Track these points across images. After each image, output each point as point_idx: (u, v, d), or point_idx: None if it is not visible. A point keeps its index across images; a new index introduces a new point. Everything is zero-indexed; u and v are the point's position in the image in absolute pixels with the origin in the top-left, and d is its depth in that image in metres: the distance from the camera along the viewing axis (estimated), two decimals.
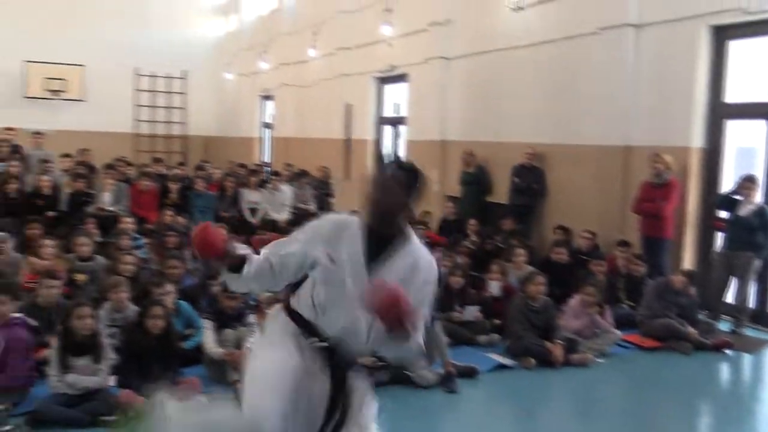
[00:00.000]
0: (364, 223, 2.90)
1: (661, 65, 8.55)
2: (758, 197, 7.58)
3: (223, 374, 5.35)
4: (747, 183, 7.55)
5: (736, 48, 8.12)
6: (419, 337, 2.82)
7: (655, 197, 8.06)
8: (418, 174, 2.93)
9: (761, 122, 7.88)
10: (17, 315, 5.18)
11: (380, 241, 2.87)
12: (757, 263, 7.56)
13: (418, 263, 2.89)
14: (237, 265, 2.89)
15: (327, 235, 2.91)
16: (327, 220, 3.04)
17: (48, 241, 7.08)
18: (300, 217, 10.23)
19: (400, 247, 2.88)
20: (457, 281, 7.14)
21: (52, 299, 5.80)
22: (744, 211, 7.52)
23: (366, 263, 2.85)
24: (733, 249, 7.61)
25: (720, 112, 8.26)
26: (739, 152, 8.23)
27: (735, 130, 8.24)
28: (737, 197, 7.59)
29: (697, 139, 8.31)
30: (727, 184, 7.99)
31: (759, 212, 7.47)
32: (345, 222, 2.97)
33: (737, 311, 7.66)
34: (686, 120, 8.30)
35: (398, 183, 2.87)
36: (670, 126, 8.47)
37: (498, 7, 11.02)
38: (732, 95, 8.20)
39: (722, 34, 8.15)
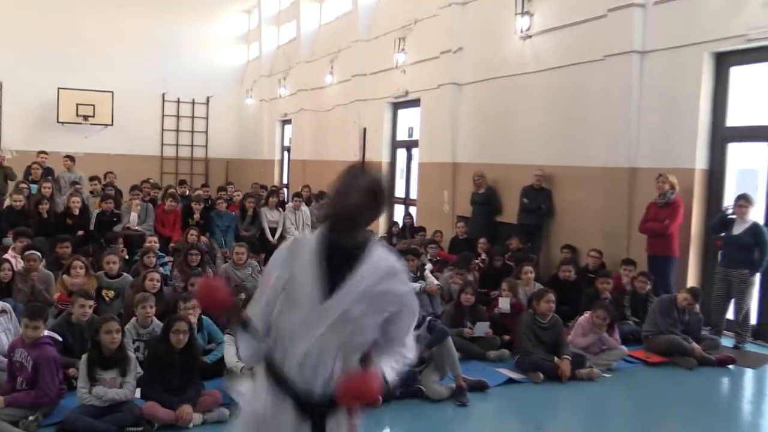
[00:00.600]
0: (325, 236, 2.60)
1: (665, 90, 8.54)
2: (752, 215, 7.55)
3: None
4: (741, 202, 7.56)
5: (737, 73, 8.12)
6: (407, 349, 2.77)
7: (661, 217, 8.03)
8: (380, 182, 2.62)
9: (762, 144, 7.85)
10: (45, 333, 5.21)
11: (343, 252, 2.56)
12: (754, 279, 7.51)
13: (384, 271, 2.58)
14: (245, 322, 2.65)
15: (281, 260, 2.67)
16: (282, 246, 2.77)
17: (77, 262, 7.13)
18: None
19: (364, 257, 2.56)
20: (467, 299, 7.11)
21: (85, 318, 5.84)
22: (738, 229, 7.51)
23: (323, 275, 2.54)
24: (730, 266, 7.59)
25: (722, 135, 8.23)
26: (741, 174, 8.19)
27: (737, 153, 8.21)
28: (732, 216, 7.57)
29: (700, 161, 8.28)
30: (729, 204, 7.93)
31: (753, 230, 7.44)
32: (300, 241, 2.72)
33: (738, 327, 7.60)
34: (690, 143, 8.28)
35: (360, 191, 2.55)
36: (674, 148, 8.45)
37: (507, 36, 11.07)
38: (734, 119, 8.17)
39: (724, 61, 8.15)
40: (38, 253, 7.28)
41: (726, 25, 7.79)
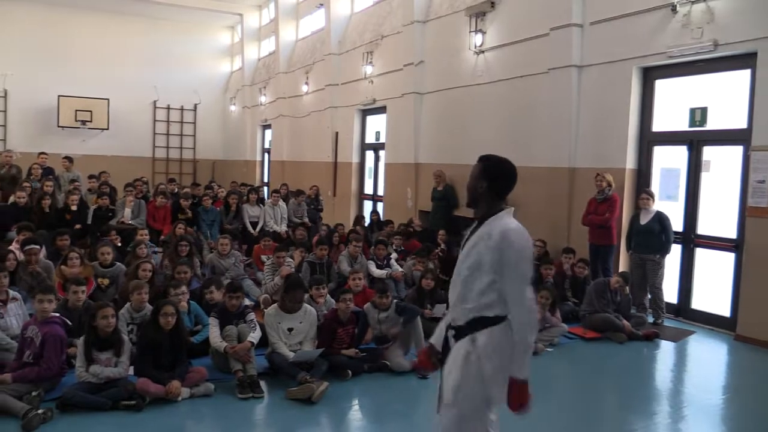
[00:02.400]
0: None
1: (600, 99, 8.67)
2: (654, 206, 7.76)
3: (227, 364, 5.28)
4: (643, 195, 7.82)
5: (661, 86, 8.27)
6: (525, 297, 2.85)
7: (601, 210, 8.15)
8: (493, 163, 3.07)
9: (682, 147, 8.00)
10: (55, 314, 5.12)
11: (480, 220, 3.03)
12: (664, 262, 7.69)
13: (490, 233, 2.90)
14: None
15: None
16: None
17: (74, 253, 6.99)
18: (295, 228, 10.21)
19: (487, 222, 2.96)
20: (428, 283, 7.13)
21: (79, 302, 5.73)
22: (644, 219, 7.73)
23: (463, 243, 3.06)
24: (642, 252, 7.77)
25: (648, 139, 8.39)
26: (664, 172, 8.34)
27: (661, 154, 8.37)
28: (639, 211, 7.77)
29: (630, 162, 8.43)
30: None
31: (657, 218, 7.65)
32: None
33: (654, 305, 7.77)
34: (621, 145, 8.41)
35: (478, 171, 3.03)
36: (607, 150, 8.58)
37: (462, 50, 11.12)
38: (658, 125, 8.33)
39: (650, 74, 8.30)
40: (37, 247, 7.11)
41: (652, 43, 7.93)
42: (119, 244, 8.76)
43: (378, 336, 6.06)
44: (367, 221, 12.29)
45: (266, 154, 21.36)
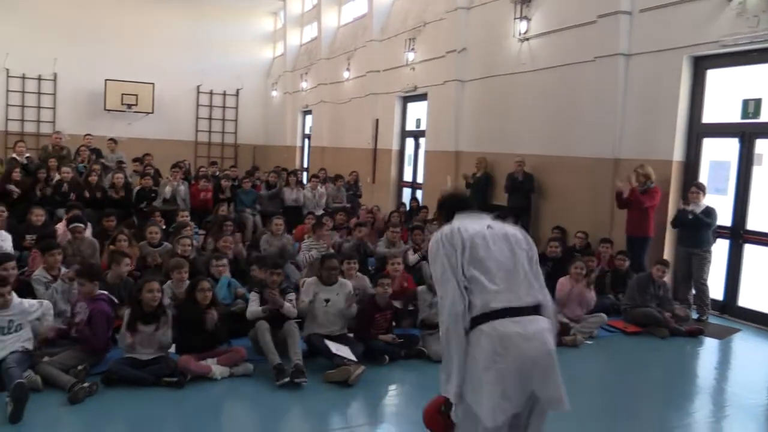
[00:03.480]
0: None
1: (648, 89, 8.45)
2: (704, 200, 7.55)
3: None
4: (693, 189, 7.61)
5: (713, 76, 8.01)
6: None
7: (641, 200, 7.98)
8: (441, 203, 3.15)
9: (733, 140, 7.76)
10: (102, 292, 5.27)
11: None
12: (710, 257, 7.50)
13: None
14: None
15: None
16: None
17: (122, 234, 7.17)
18: (334, 212, 10.28)
19: None
20: None
21: (121, 275, 5.89)
22: (692, 213, 7.48)
23: None
24: (688, 246, 7.58)
25: (698, 131, 8.15)
26: (713, 165, 8.11)
27: (710, 146, 8.12)
28: (687, 207, 7.53)
29: (677, 154, 8.20)
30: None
31: (706, 213, 7.43)
32: None
33: (699, 301, 7.58)
34: (668, 137, 8.19)
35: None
36: (653, 142, 8.37)
37: (506, 38, 10.96)
38: (708, 116, 8.08)
39: (701, 64, 8.05)
40: (82, 225, 7.29)
41: (703, 32, 7.68)
42: (163, 226, 8.93)
43: (424, 320, 6.04)
44: (407, 208, 12.30)
45: (306, 140, 21.49)
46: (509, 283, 2.72)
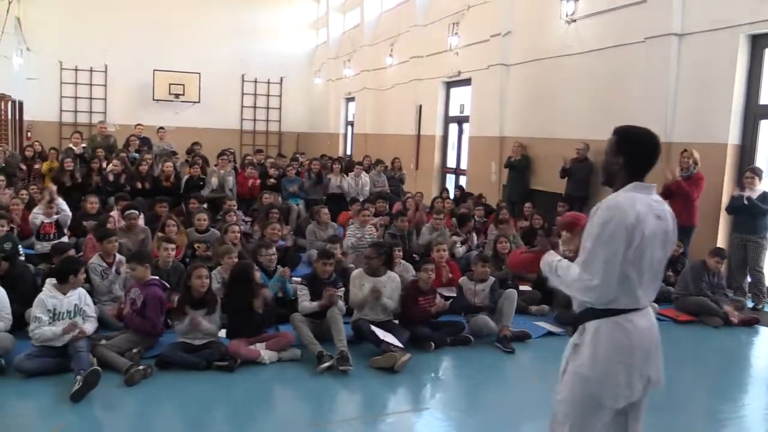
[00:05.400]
0: None
1: (702, 70, 8.16)
2: (760, 185, 7.28)
3: (319, 333, 5.35)
4: (748, 174, 7.35)
5: None
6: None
7: (684, 188, 7.73)
8: (629, 135, 2.75)
9: None
10: (154, 277, 5.43)
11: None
12: (765, 243, 7.27)
13: (598, 207, 2.65)
14: None
15: None
16: None
17: (171, 221, 7.36)
18: (377, 198, 10.31)
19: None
20: (503, 246, 7.30)
21: (169, 260, 6.08)
22: (745, 198, 7.25)
23: None
24: (744, 232, 7.36)
25: (755, 113, 7.84)
26: None
27: None
28: (742, 192, 7.27)
29: (733, 137, 7.91)
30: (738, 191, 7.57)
31: (762, 198, 7.19)
32: None
33: (755, 289, 7.34)
34: (724, 119, 7.91)
35: (613, 145, 2.75)
36: (708, 125, 8.10)
37: (552, 19, 10.74)
38: (766, 97, 7.77)
39: (759, 42, 7.73)
40: (136, 212, 7.52)
41: (761, 9, 7.37)
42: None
43: (469, 307, 6.03)
44: (452, 195, 12.24)
45: (349, 127, 21.57)
46: (651, 285, 2.69)
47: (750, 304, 7.30)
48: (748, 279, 7.46)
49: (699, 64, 8.19)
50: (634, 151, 2.68)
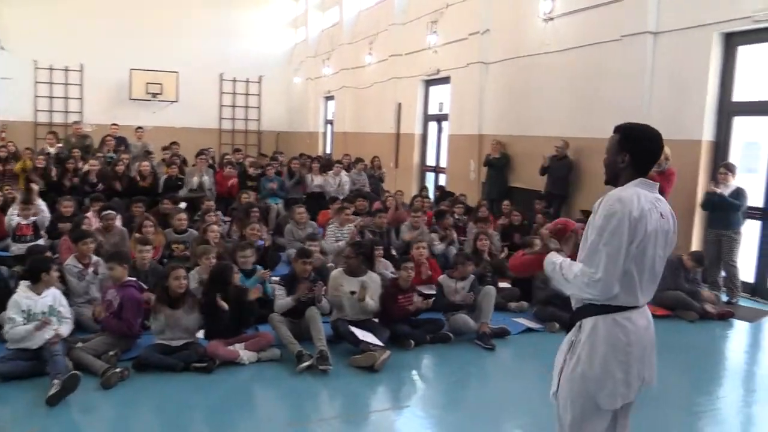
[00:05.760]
0: None
1: (676, 68, 8.27)
2: (733, 181, 7.34)
3: (297, 333, 5.32)
4: (722, 170, 7.41)
5: (744, 52, 7.81)
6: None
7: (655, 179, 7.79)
8: (633, 132, 2.70)
9: (765, 118, 7.57)
10: (131, 278, 5.37)
11: None
12: (740, 239, 7.35)
13: (602, 200, 2.62)
14: None
15: None
16: None
17: (148, 221, 7.28)
18: (357, 197, 10.30)
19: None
20: (483, 244, 7.34)
21: (145, 261, 6.01)
22: (720, 195, 7.32)
23: None
24: (718, 228, 7.44)
25: (728, 110, 7.96)
26: (745, 146, 7.93)
27: (742, 126, 7.94)
28: (716, 189, 7.36)
29: (707, 134, 8.03)
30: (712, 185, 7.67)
31: (736, 194, 7.26)
32: None
33: (729, 283, 7.45)
34: (698, 116, 8.02)
35: (616, 143, 2.70)
36: (683, 121, 8.20)
37: (530, 18, 10.81)
38: (739, 94, 7.89)
39: (732, 40, 7.85)
40: (114, 212, 7.43)
41: (734, 7, 7.48)
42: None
43: (449, 304, 6.04)
44: (432, 195, 12.27)
45: (329, 126, 21.51)
46: (650, 284, 2.66)
47: (725, 298, 7.42)
48: (723, 274, 7.57)
49: (674, 61, 8.29)
50: (638, 148, 2.66)
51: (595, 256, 2.53)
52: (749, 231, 7.53)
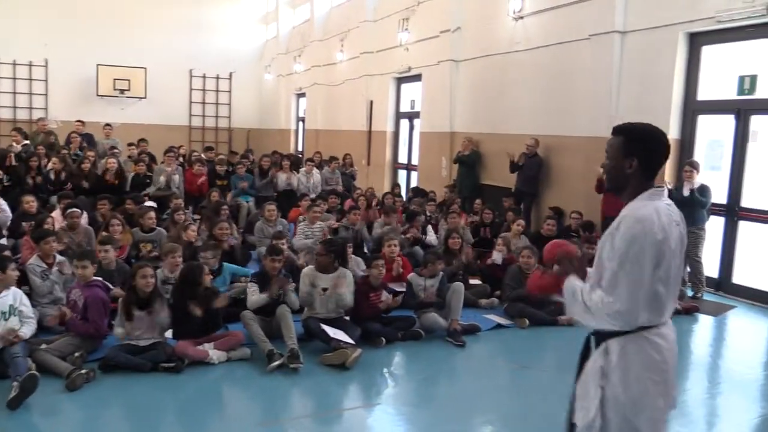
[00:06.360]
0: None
1: (643, 66, 8.40)
2: (698, 178, 7.42)
3: (268, 331, 5.27)
4: (686, 167, 7.50)
5: (708, 52, 7.97)
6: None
7: None
8: (639, 134, 2.44)
9: (729, 117, 7.73)
10: (97, 278, 5.26)
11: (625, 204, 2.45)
12: (704, 234, 7.48)
13: (621, 221, 2.36)
14: None
15: None
16: None
17: (115, 220, 7.15)
18: (328, 195, 10.28)
19: (626, 207, 2.40)
20: (455, 242, 7.28)
21: (108, 261, 5.90)
22: (687, 191, 7.41)
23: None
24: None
25: (693, 108, 8.13)
26: (709, 143, 8.10)
27: (706, 124, 8.10)
28: (673, 186, 7.50)
29: (673, 131, 8.18)
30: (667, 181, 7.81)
31: (701, 191, 7.36)
32: None
33: (694, 278, 7.60)
34: (664, 114, 8.16)
35: (620, 147, 2.43)
36: (649, 119, 8.11)
37: (501, 16, 10.88)
38: (704, 93, 8.05)
39: (696, 40, 8.00)
40: (78, 210, 7.28)
41: (698, 8, 7.64)
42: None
43: (418, 303, 6.05)
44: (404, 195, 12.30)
45: (301, 123, 21.39)
46: (675, 294, 2.46)
47: (690, 293, 7.56)
48: (687, 269, 7.71)
49: (641, 60, 8.42)
50: (646, 151, 2.41)
51: (617, 285, 2.29)
52: (713, 227, 7.68)
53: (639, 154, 2.39)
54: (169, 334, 5.15)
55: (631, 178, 2.41)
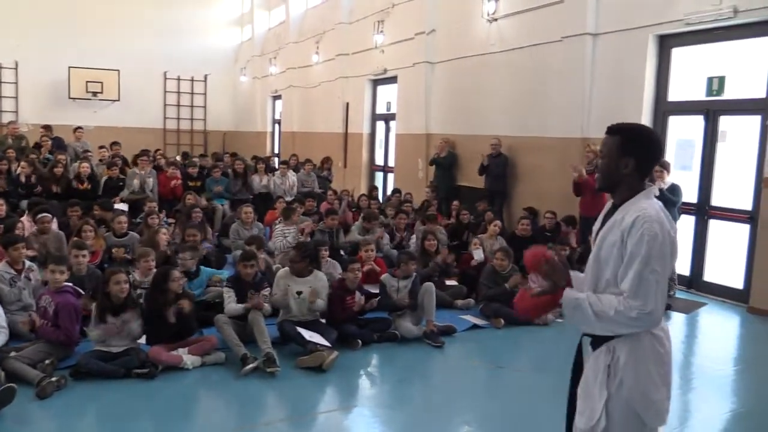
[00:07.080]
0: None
1: (615, 68, 8.52)
2: (668, 178, 7.47)
3: (242, 335, 5.23)
4: (658, 167, 7.45)
5: (678, 54, 8.10)
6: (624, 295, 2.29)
7: (591, 182, 7.99)
8: (635, 134, 2.44)
9: (698, 117, 7.86)
10: (68, 284, 5.17)
11: (616, 205, 2.44)
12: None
13: (622, 220, 2.33)
14: None
15: None
16: None
17: (87, 225, 7.03)
18: (305, 197, 10.22)
19: (622, 208, 2.38)
20: (431, 244, 7.31)
21: (81, 266, 5.81)
22: (656, 190, 7.45)
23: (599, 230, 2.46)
24: None
25: (664, 109, 8.25)
26: (680, 143, 8.23)
27: (676, 125, 8.23)
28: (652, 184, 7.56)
29: None
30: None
31: (671, 190, 7.41)
32: None
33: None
34: (635, 115, 8.25)
35: (616, 146, 2.41)
36: (621, 120, 8.28)
37: (475, 18, 10.95)
38: (674, 94, 8.18)
39: (666, 42, 8.13)
40: (49, 215, 7.16)
41: (669, 10, 7.76)
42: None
43: (391, 304, 6.05)
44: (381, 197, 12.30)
45: (277, 125, 21.29)
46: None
47: None
48: None
49: (612, 62, 8.54)
50: (643, 152, 2.41)
51: (644, 287, 2.23)
52: (684, 226, 7.80)
53: (636, 154, 2.40)
54: (142, 339, 5.08)
55: (626, 177, 2.41)
